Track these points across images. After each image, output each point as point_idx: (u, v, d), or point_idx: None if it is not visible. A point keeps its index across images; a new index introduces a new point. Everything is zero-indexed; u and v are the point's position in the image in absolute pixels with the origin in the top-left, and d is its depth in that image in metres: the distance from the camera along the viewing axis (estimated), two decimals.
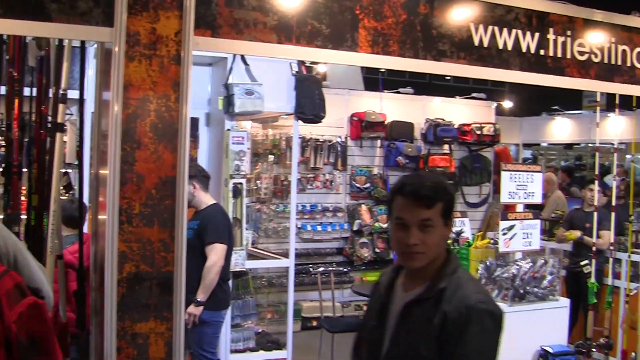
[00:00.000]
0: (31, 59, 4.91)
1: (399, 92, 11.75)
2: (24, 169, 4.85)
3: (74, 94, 4.74)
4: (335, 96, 9.86)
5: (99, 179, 4.31)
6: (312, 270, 8.35)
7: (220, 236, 6.00)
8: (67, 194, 7.27)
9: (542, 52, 5.32)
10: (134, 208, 3.70)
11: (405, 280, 2.92)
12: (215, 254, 5.92)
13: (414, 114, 10.97)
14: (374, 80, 12.22)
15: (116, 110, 3.63)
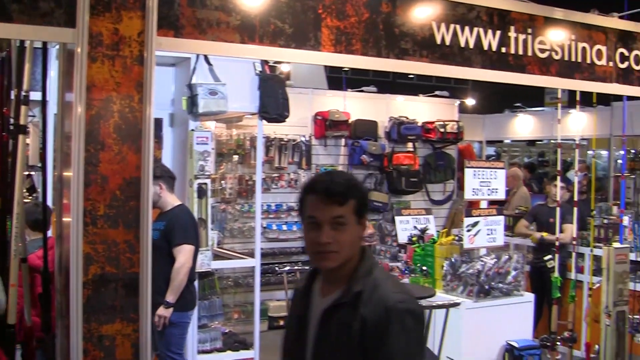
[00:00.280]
0: None
1: (362, 91, 11.78)
2: None
3: (36, 95, 4.71)
4: (299, 95, 9.87)
5: (62, 181, 4.29)
6: (278, 269, 8.34)
7: (187, 237, 5.99)
8: (31, 197, 7.21)
9: (504, 50, 5.37)
10: (98, 209, 3.69)
11: (323, 285, 2.81)
12: (183, 255, 5.90)
13: (377, 112, 11.00)
14: (337, 79, 12.26)
15: (79, 112, 3.61)
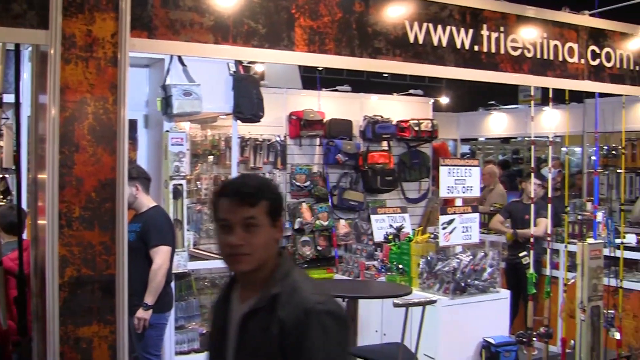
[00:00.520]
0: None
1: (336, 90, 11.77)
2: None
3: (9, 97, 4.69)
4: (273, 95, 9.85)
5: (37, 184, 4.27)
6: None
7: (164, 239, 5.97)
8: (5, 200, 7.17)
9: (477, 48, 5.41)
10: (73, 212, 3.68)
11: (241, 291, 2.74)
12: (160, 256, 5.88)
13: (352, 111, 11.00)
14: (311, 78, 12.25)
15: (53, 114, 3.60)
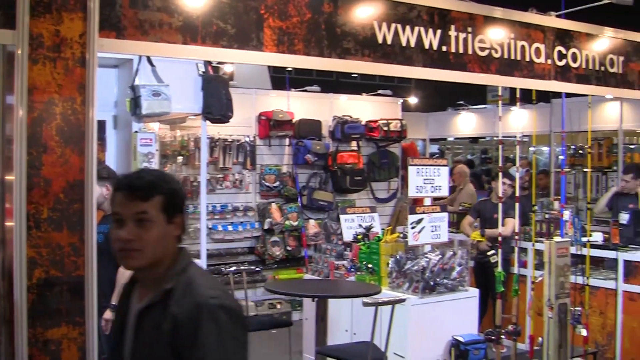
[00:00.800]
0: None
1: (306, 91, 11.79)
2: None
3: None
4: (242, 96, 9.86)
5: (4, 185, 4.23)
6: (224, 270, 8.31)
7: None
8: None
9: (444, 49, 5.45)
10: (42, 213, 3.66)
11: (140, 288, 2.66)
12: None
13: (321, 111, 11.03)
14: (281, 79, 12.27)
15: (21, 115, 3.58)
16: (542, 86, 6.31)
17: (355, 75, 20.01)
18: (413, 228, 7.25)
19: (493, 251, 8.09)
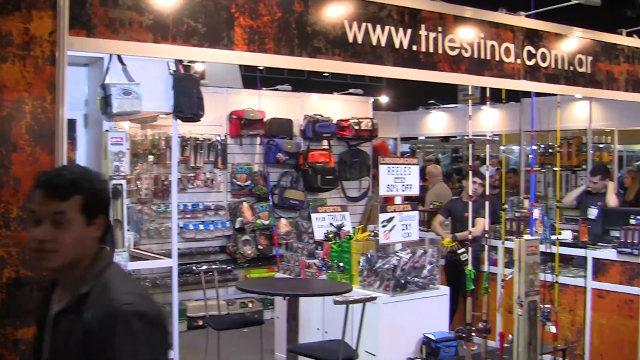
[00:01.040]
0: None
1: (277, 90, 11.79)
2: None
3: None
4: (213, 94, 9.85)
5: None
6: (196, 269, 8.31)
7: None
8: None
9: (415, 48, 5.48)
10: (11, 212, 3.64)
11: (60, 291, 2.49)
12: None
13: (292, 110, 11.04)
14: (252, 77, 12.26)
15: None
16: (512, 85, 6.36)
17: (326, 75, 20.05)
18: (384, 227, 7.28)
19: (463, 249, 8.14)
